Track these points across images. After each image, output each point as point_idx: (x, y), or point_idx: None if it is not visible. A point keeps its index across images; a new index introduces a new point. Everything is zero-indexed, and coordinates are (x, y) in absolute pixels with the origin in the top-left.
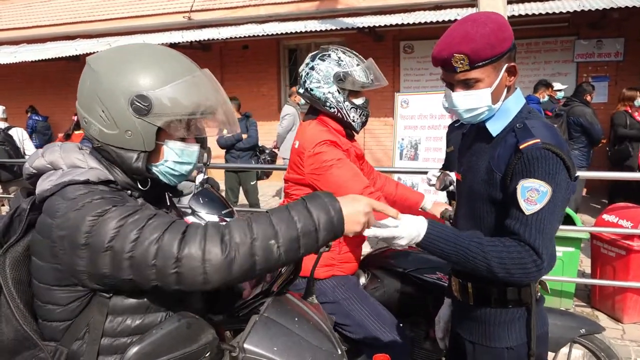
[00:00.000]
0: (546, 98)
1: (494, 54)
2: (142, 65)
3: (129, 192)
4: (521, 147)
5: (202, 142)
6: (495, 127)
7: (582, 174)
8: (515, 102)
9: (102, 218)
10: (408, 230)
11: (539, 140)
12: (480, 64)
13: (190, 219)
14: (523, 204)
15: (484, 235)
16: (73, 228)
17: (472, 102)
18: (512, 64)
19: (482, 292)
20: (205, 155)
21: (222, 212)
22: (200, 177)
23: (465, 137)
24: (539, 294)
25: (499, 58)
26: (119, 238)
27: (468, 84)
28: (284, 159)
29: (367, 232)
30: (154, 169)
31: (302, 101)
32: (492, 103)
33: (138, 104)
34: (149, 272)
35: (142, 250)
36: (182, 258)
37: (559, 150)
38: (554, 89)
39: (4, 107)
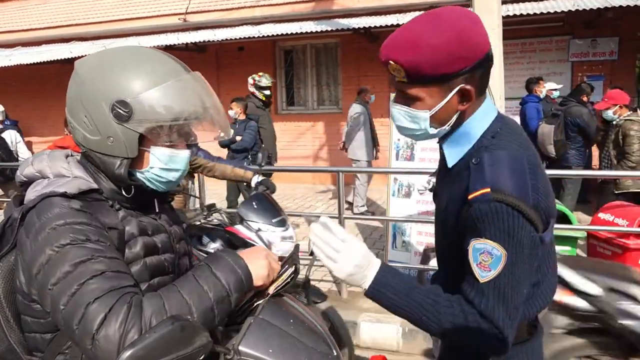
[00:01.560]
0: (544, 92)
1: (440, 73)
2: (124, 69)
3: (111, 203)
4: (469, 197)
5: (191, 146)
6: (451, 155)
7: (578, 173)
8: (479, 122)
9: (57, 256)
10: (349, 260)
11: (488, 190)
12: (421, 81)
13: (239, 228)
14: (476, 270)
15: (449, 285)
16: (34, 255)
17: (407, 121)
18: (468, 87)
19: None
20: (260, 156)
21: (273, 221)
22: (255, 179)
23: (440, 149)
24: (536, 326)
25: (447, 79)
26: (61, 285)
27: (406, 98)
28: (352, 160)
29: (314, 248)
30: (140, 176)
31: (373, 98)
32: (431, 128)
33: (119, 109)
34: (72, 333)
35: (72, 309)
36: (99, 339)
37: (515, 200)
38: (549, 88)
39: (2, 108)
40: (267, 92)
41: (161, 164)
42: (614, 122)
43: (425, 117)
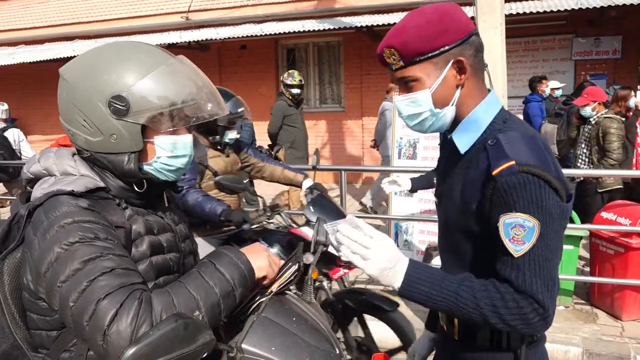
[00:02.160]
0: (547, 91)
1: (429, 47)
2: (112, 65)
3: (117, 201)
4: (494, 173)
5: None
6: (463, 142)
7: (582, 172)
8: (486, 110)
9: (66, 254)
10: (380, 256)
11: (513, 163)
12: (415, 59)
13: (304, 230)
14: (509, 245)
15: (473, 275)
16: (42, 253)
17: (412, 107)
18: (461, 58)
19: (470, 327)
20: (315, 157)
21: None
22: (307, 183)
23: (441, 149)
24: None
25: (437, 53)
26: (70, 282)
27: (407, 85)
28: (383, 156)
29: (341, 248)
30: (148, 168)
31: None
32: (435, 107)
33: (116, 105)
34: (82, 330)
35: (82, 305)
36: (111, 334)
37: (541, 170)
38: (551, 87)
39: (6, 106)
40: (295, 91)
41: (167, 152)
42: (592, 120)
43: (427, 96)
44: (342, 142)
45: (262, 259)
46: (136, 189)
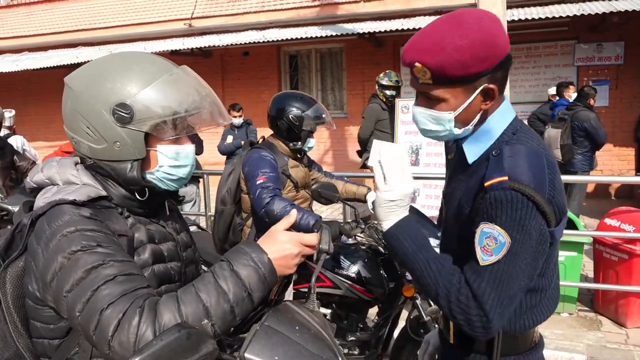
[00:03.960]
0: (573, 96)
1: (466, 74)
2: (116, 74)
3: (120, 210)
4: (486, 184)
5: (196, 140)
6: (472, 152)
7: (584, 178)
8: (499, 121)
9: (69, 263)
10: (398, 193)
11: (506, 178)
12: (445, 82)
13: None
14: (479, 252)
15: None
16: (46, 263)
17: (432, 123)
18: (491, 86)
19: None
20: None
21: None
22: (372, 196)
23: (448, 150)
24: (538, 337)
25: (472, 80)
26: (75, 292)
27: (430, 100)
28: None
29: (379, 162)
30: (150, 177)
31: None
32: (455, 128)
33: (120, 112)
34: (90, 339)
35: (87, 315)
36: (114, 345)
37: (532, 191)
38: (551, 94)
39: (13, 113)
40: (389, 92)
41: (170, 161)
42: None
43: (450, 118)
44: (345, 148)
45: (287, 258)
46: (138, 197)
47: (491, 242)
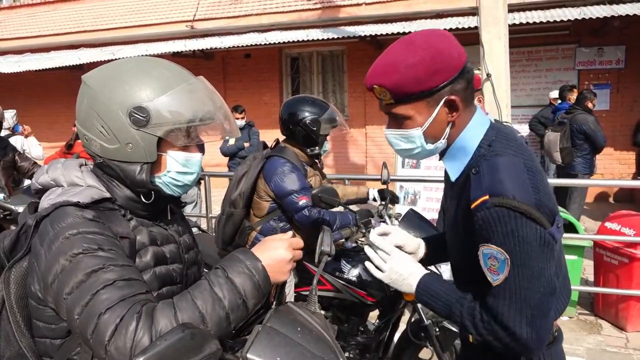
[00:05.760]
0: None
1: (422, 89)
2: (135, 77)
3: (123, 212)
4: (472, 207)
5: (201, 149)
6: (453, 170)
7: (584, 182)
8: (473, 135)
9: (70, 265)
10: (396, 269)
11: (487, 197)
12: (406, 99)
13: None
14: (488, 274)
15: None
16: (48, 264)
17: (404, 142)
18: (453, 97)
19: None
20: (386, 172)
21: None
22: (372, 192)
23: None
24: (557, 331)
25: (430, 93)
26: (75, 295)
27: (397, 120)
28: None
29: (366, 264)
30: (157, 181)
31: None
32: (427, 142)
33: (136, 115)
34: (87, 342)
35: (86, 319)
36: (111, 350)
37: (515, 202)
38: (552, 97)
39: (14, 112)
40: None
41: (178, 167)
42: None
43: (418, 134)
44: (346, 151)
45: (280, 264)
46: (143, 199)
47: (494, 262)
